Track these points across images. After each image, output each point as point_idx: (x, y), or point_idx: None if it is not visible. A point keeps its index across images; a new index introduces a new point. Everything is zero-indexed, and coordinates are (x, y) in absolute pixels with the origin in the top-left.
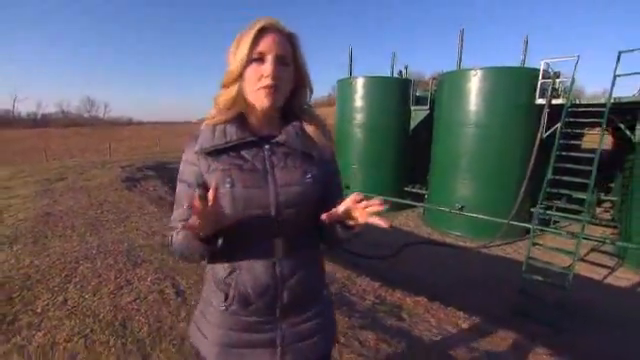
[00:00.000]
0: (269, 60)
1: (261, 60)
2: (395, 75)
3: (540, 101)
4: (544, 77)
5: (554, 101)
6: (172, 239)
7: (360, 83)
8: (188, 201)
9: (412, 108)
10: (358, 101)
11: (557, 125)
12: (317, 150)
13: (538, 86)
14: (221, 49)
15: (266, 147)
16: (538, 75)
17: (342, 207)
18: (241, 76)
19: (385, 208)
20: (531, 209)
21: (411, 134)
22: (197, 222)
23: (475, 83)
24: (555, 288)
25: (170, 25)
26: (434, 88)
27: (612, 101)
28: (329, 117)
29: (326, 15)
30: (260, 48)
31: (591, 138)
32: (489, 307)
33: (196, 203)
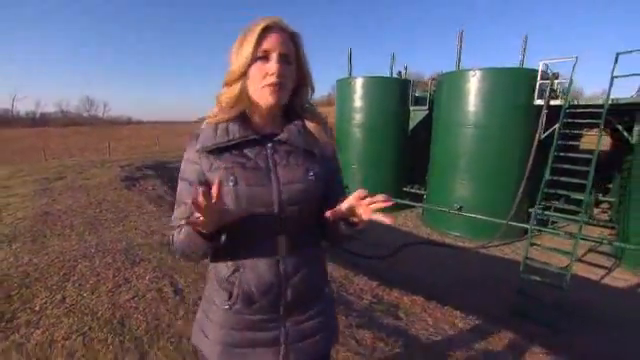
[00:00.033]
0: (274, 58)
1: (265, 58)
2: (394, 75)
3: (539, 102)
4: (542, 78)
5: (552, 102)
6: (173, 238)
7: (359, 83)
8: (190, 199)
9: (411, 108)
10: (357, 101)
11: (555, 126)
12: (319, 148)
13: (536, 87)
14: (221, 49)
15: (268, 145)
16: (537, 76)
17: (346, 204)
18: (245, 74)
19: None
20: (529, 209)
21: (410, 134)
22: (200, 219)
23: (474, 84)
24: (553, 288)
25: (170, 25)
26: (433, 88)
27: (610, 102)
28: (329, 117)
29: (326, 15)
30: (265, 46)
31: (590, 139)
32: (487, 307)
33: (199, 199)
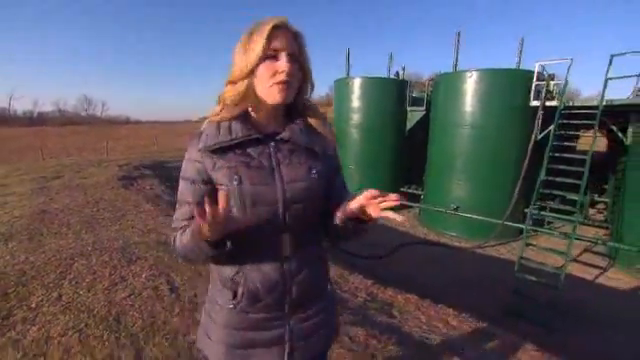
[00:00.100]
0: (283, 57)
1: (274, 57)
2: (391, 76)
3: (535, 103)
4: (538, 79)
5: (548, 103)
6: (175, 240)
7: (357, 84)
8: (192, 197)
9: (408, 109)
10: (355, 101)
11: (551, 127)
12: (320, 146)
13: (532, 88)
14: (221, 49)
15: (271, 144)
16: (533, 77)
17: (356, 203)
18: (253, 72)
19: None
20: (525, 210)
21: (407, 135)
22: (206, 228)
23: (471, 84)
24: (548, 288)
25: (169, 24)
26: (430, 89)
27: (604, 104)
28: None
29: (326, 15)
30: (274, 45)
31: (586, 140)
32: (483, 307)
33: (205, 211)
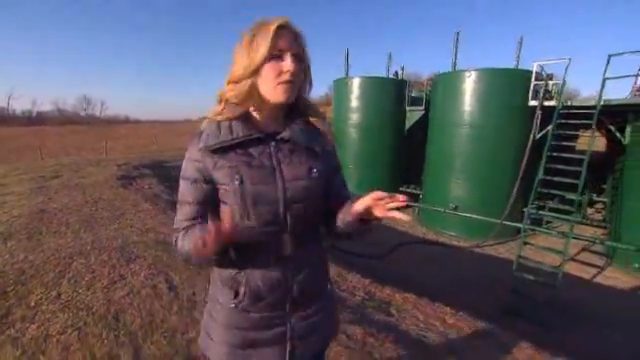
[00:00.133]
0: (289, 57)
1: (279, 57)
2: (390, 76)
3: (533, 103)
4: (537, 79)
5: (547, 103)
6: (177, 242)
7: (356, 83)
8: (193, 197)
9: (407, 108)
10: (354, 101)
11: (549, 127)
12: (320, 145)
13: (531, 88)
14: (221, 48)
15: (272, 144)
16: (531, 77)
17: (362, 204)
18: (257, 72)
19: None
20: (523, 209)
21: (406, 134)
22: (210, 246)
23: (469, 84)
24: (545, 287)
25: (169, 23)
26: (429, 89)
27: (602, 103)
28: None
29: (326, 15)
30: (280, 45)
31: (586, 140)
32: (481, 306)
33: (210, 236)
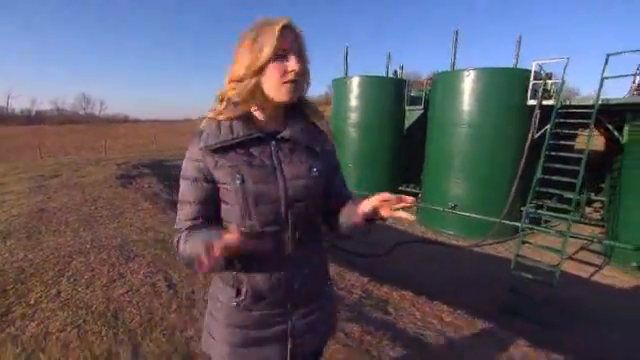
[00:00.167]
0: (293, 57)
1: (284, 57)
2: (390, 75)
3: (532, 102)
4: (536, 78)
5: (545, 102)
6: (179, 244)
7: (355, 82)
8: (194, 197)
9: (406, 108)
10: (353, 100)
11: (547, 126)
12: (320, 145)
13: (530, 87)
14: (220, 47)
15: (272, 143)
16: (530, 76)
17: (369, 205)
18: (261, 71)
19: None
20: (522, 208)
21: (405, 134)
22: (214, 262)
23: (468, 83)
24: (543, 286)
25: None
26: (428, 88)
27: (600, 103)
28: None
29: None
30: (285, 45)
31: (585, 139)
32: (479, 305)
33: (214, 253)
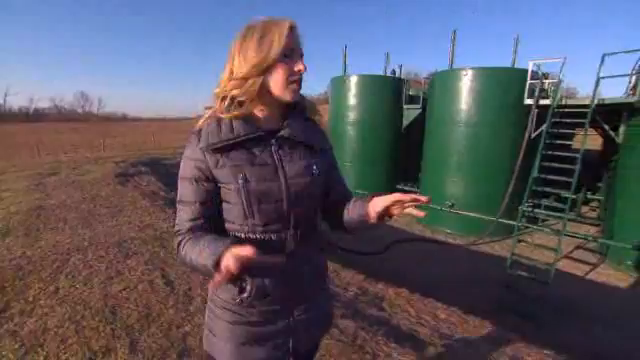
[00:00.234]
0: (299, 57)
1: (289, 56)
2: (388, 74)
3: (529, 101)
4: (533, 78)
5: (542, 101)
6: (181, 247)
7: (353, 81)
8: (194, 197)
9: (405, 107)
10: (351, 99)
11: (544, 125)
12: (318, 142)
13: (527, 86)
14: (220, 46)
15: (273, 141)
16: (527, 76)
17: (382, 204)
18: (268, 70)
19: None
20: (518, 207)
21: (403, 132)
22: (224, 280)
23: (466, 83)
24: (538, 283)
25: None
26: (426, 87)
27: (596, 102)
28: (324, 114)
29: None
30: (292, 45)
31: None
32: (475, 302)
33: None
